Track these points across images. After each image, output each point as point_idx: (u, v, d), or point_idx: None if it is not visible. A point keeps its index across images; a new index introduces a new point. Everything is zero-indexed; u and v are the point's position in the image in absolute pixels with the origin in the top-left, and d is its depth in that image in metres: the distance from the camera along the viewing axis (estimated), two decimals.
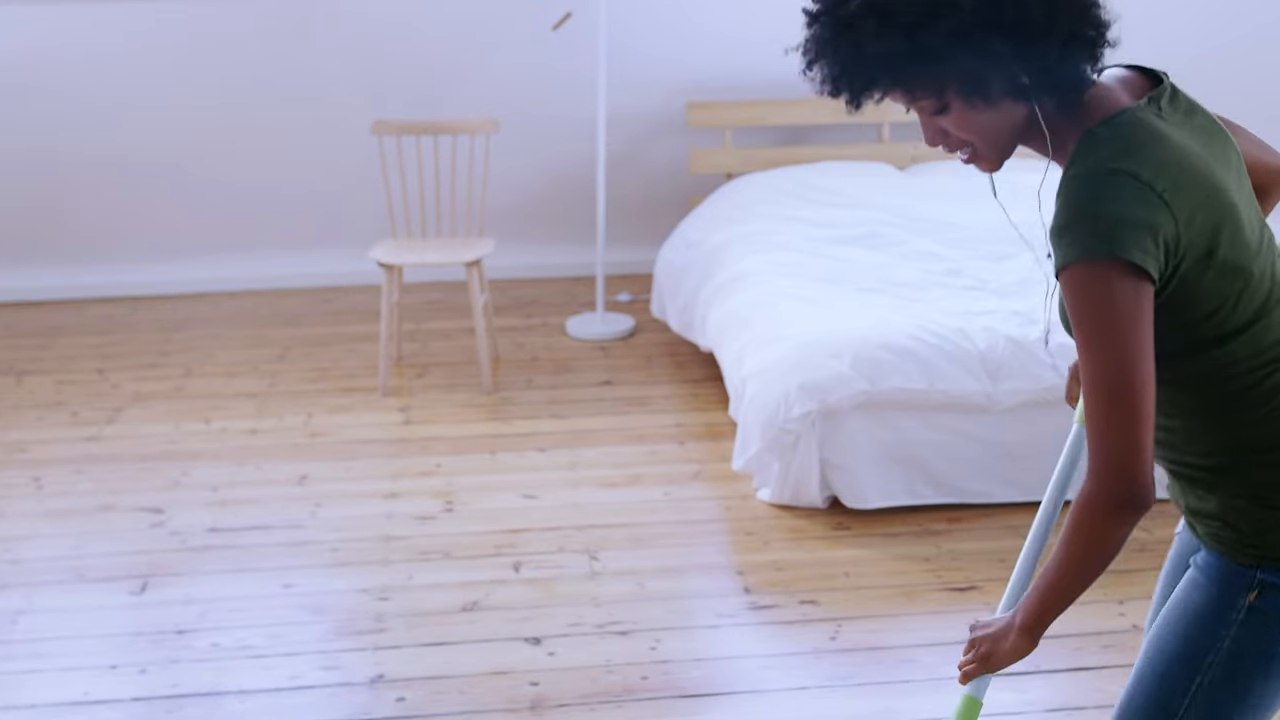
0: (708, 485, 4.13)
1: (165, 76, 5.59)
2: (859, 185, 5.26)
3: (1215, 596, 1.82)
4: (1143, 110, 1.72)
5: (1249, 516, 1.79)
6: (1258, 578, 1.79)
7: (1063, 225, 1.67)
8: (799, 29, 1.77)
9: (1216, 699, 1.82)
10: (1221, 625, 1.81)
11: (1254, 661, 1.81)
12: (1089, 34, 1.70)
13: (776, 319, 4.13)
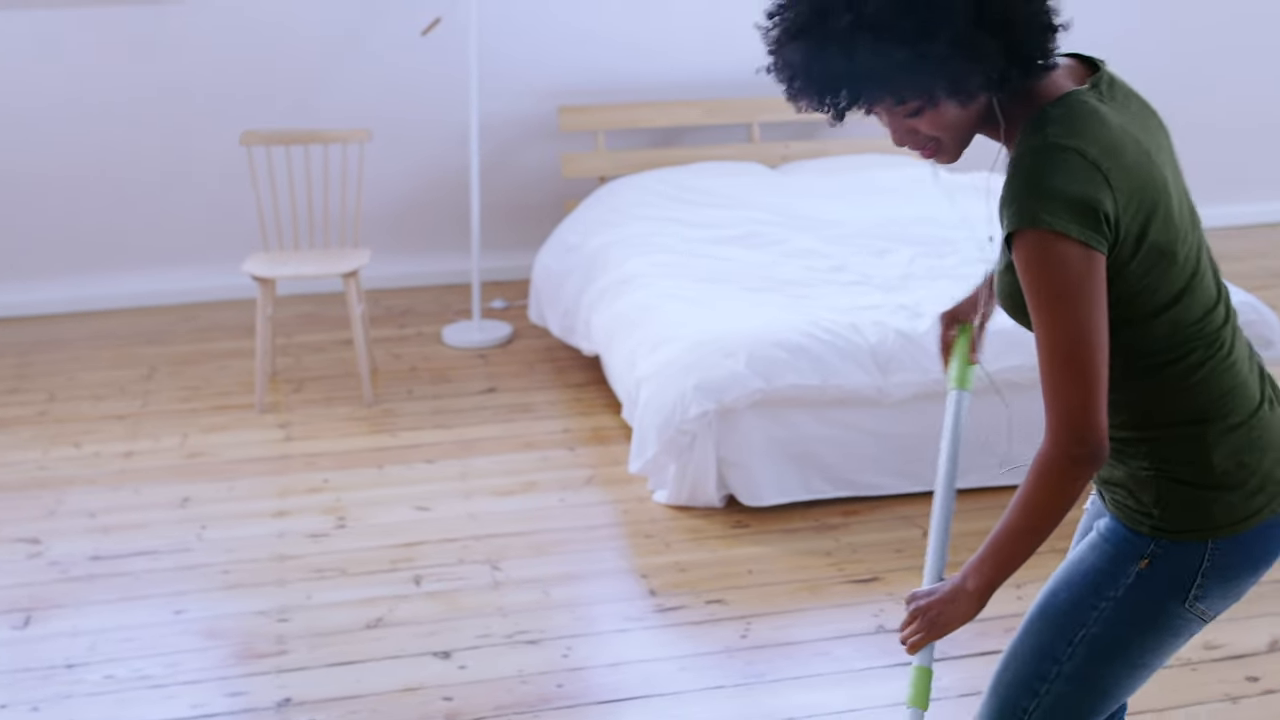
0: (602, 489, 4.10)
1: (12, 87, 5.38)
2: (734, 185, 5.29)
3: (1109, 558, 1.89)
4: (1086, 94, 1.75)
5: (1151, 488, 1.85)
6: (1151, 548, 1.86)
7: (1014, 195, 1.71)
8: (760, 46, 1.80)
9: (1096, 651, 1.90)
10: (1109, 586, 1.88)
11: (1135, 624, 1.88)
12: (1053, 21, 1.73)
13: (666, 321, 4.12)
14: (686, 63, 5.82)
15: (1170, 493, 1.84)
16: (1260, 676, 3.13)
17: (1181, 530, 1.85)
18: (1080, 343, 1.70)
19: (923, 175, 5.38)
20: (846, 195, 5.17)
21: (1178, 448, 1.84)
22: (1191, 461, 1.83)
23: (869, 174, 5.38)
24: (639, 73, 5.79)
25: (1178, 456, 1.84)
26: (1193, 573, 1.85)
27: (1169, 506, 1.84)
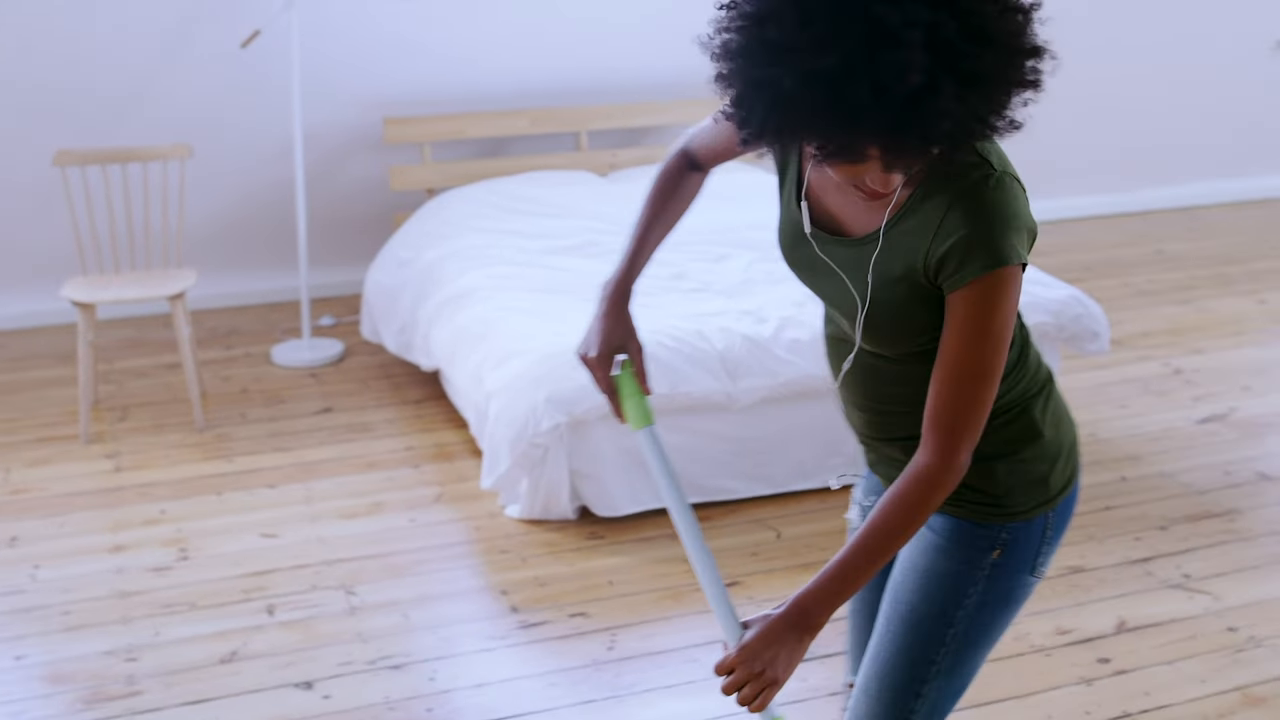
0: (452, 507, 4.05)
1: None
2: (566, 194, 5.27)
3: (961, 559, 1.92)
4: None
5: (995, 476, 1.89)
6: (1001, 536, 1.91)
7: (987, 233, 1.65)
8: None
9: (968, 644, 1.96)
10: (969, 584, 1.92)
11: (998, 609, 1.95)
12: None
13: (511, 334, 4.08)
14: (513, 72, 5.79)
15: (1014, 475, 1.89)
16: (1111, 658, 3.24)
17: (1029, 509, 1.91)
18: (998, 367, 1.72)
19: (753, 181, 5.45)
20: None
21: (1017, 429, 1.89)
22: (1030, 440, 1.90)
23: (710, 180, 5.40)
24: (465, 83, 5.73)
25: (1019, 437, 1.89)
26: (1038, 544, 1.93)
27: (1014, 490, 1.89)
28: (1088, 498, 4.01)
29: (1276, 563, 3.65)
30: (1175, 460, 4.27)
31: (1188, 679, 3.15)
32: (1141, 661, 3.22)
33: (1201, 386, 4.84)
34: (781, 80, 1.47)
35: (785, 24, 1.46)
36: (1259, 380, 4.89)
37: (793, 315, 4.10)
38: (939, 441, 1.75)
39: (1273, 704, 3.05)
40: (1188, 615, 3.41)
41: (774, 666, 1.76)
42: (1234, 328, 5.42)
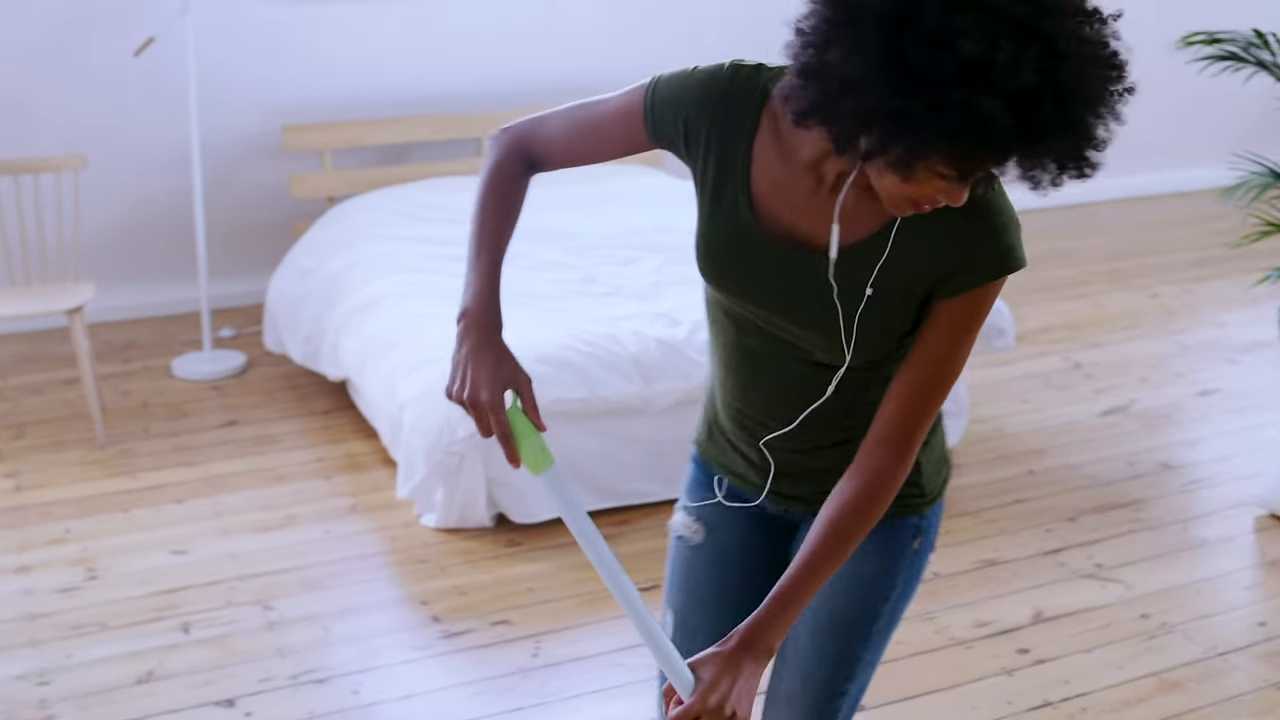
0: (366, 518, 4.00)
1: None
2: (469, 200, 5.23)
3: (888, 555, 1.91)
4: None
5: (919, 464, 1.87)
6: (920, 524, 1.93)
7: (1006, 236, 1.65)
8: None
9: (888, 634, 2.00)
10: (894, 578, 1.94)
11: (913, 592, 1.99)
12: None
13: (425, 341, 4.04)
14: (414, 78, 5.74)
15: (928, 457, 1.89)
16: (1029, 648, 3.30)
17: (938, 488, 1.93)
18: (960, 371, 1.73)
19: (658, 184, 5.47)
20: (585, 206, 5.19)
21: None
22: (938, 419, 1.92)
23: (604, 184, 5.42)
24: (365, 89, 5.67)
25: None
26: (938, 523, 1.97)
27: (930, 472, 1.90)
28: (997, 491, 4.08)
29: (1183, 550, 3.74)
30: (1080, 453, 4.36)
31: (1105, 666, 3.22)
32: (1059, 651, 3.28)
33: (1101, 380, 4.94)
34: (976, 102, 1.35)
35: (975, 43, 1.34)
36: (1155, 373, 5.01)
37: (706, 318, 4.10)
38: (901, 445, 1.70)
39: (1188, 688, 3.13)
40: (1101, 604, 3.48)
41: (739, 703, 1.64)
42: (1128, 321, 5.54)
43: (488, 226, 1.79)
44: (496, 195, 1.81)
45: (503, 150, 1.84)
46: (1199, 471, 4.21)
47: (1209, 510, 3.96)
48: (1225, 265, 6.24)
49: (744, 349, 1.82)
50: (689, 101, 1.72)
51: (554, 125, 1.82)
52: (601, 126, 1.79)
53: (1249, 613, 3.44)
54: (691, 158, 1.74)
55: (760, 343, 1.79)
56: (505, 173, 1.83)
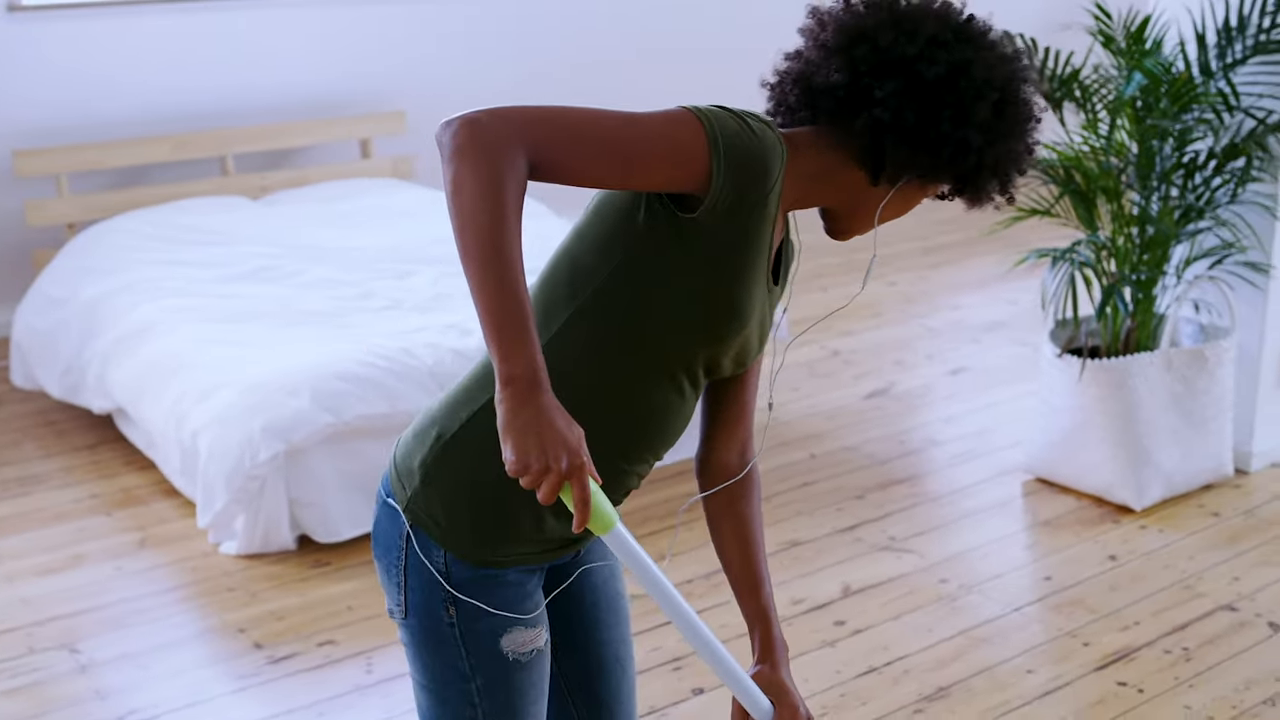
0: (159, 551, 3.86)
1: None
2: (226, 221, 5.11)
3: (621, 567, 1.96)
4: None
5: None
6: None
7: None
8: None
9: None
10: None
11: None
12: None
13: (211, 366, 3.93)
14: (151, 97, 5.55)
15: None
16: (845, 620, 3.46)
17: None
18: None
19: (415, 196, 5.45)
20: (348, 222, 5.13)
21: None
22: None
23: (365, 199, 5.37)
24: (100, 111, 5.45)
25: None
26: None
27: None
28: (787, 475, 4.25)
29: (964, 518, 4.00)
30: (853, 435, 4.58)
31: (916, 630, 3.41)
32: (872, 620, 3.46)
33: (859, 366, 5.20)
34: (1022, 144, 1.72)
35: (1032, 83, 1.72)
36: (908, 355, 5.31)
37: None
38: (748, 440, 1.91)
39: (994, 642, 3.35)
40: (901, 573, 3.69)
41: (805, 706, 1.86)
42: (872, 310, 5.85)
43: (506, 258, 1.45)
44: (514, 212, 1.46)
45: (501, 149, 1.47)
46: (964, 445, 4.50)
47: (980, 479, 4.24)
48: (952, 253, 6.65)
49: (667, 398, 1.72)
50: (756, 172, 1.60)
51: (565, 137, 1.52)
52: (639, 159, 1.55)
53: (1035, 569, 3.70)
54: (733, 219, 1.62)
55: (689, 385, 1.74)
56: (515, 183, 1.47)
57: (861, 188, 1.72)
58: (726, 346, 1.70)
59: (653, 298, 1.64)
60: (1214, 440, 4.04)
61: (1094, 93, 3.91)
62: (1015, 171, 1.73)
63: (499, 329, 1.44)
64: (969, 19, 1.70)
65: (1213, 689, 3.14)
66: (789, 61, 1.76)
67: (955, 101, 1.64)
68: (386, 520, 1.76)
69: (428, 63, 6.18)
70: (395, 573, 1.76)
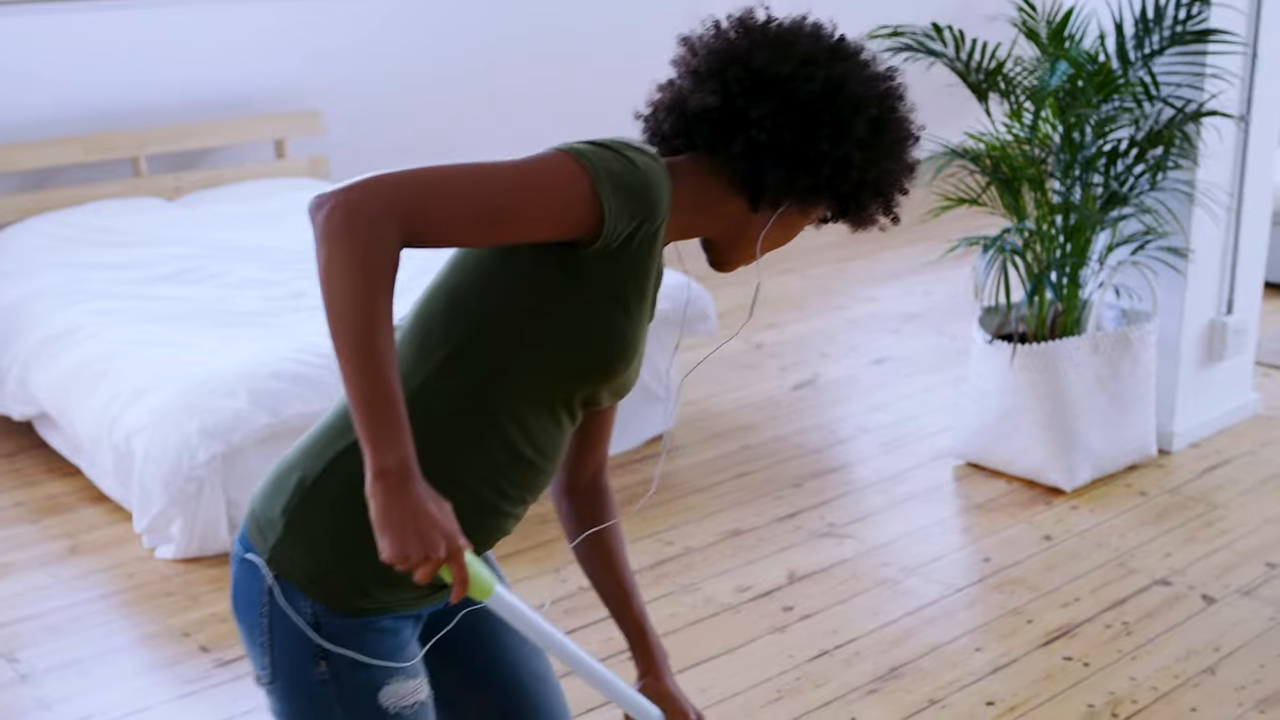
0: (92, 558, 3.79)
1: None
2: (143, 221, 5.02)
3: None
4: None
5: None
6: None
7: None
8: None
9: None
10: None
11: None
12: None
13: (143, 368, 3.86)
14: (60, 97, 5.42)
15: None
16: (793, 605, 3.50)
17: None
18: None
19: None
20: (269, 221, 5.07)
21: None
22: None
23: (283, 198, 5.30)
24: (8, 111, 5.31)
25: None
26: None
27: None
28: (722, 467, 4.28)
29: (900, 503, 4.06)
30: (784, 425, 4.63)
31: (864, 613, 3.46)
32: (820, 605, 3.50)
33: (784, 358, 5.26)
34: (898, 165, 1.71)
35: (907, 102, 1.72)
36: (831, 347, 5.38)
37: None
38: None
39: (941, 621, 3.41)
40: (844, 559, 3.74)
41: (695, 708, 1.90)
42: (791, 303, 5.91)
43: (377, 347, 1.41)
44: (384, 297, 1.41)
45: (371, 230, 1.40)
46: (893, 432, 4.56)
47: (912, 465, 4.31)
48: (864, 246, 6.74)
49: (549, 435, 1.69)
50: (647, 205, 1.57)
51: (441, 204, 1.46)
52: (523, 215, 1.50)
53: (972, 551, 3.77)
54: (624, 255, 1.60)
55: (568, 419, 1.71)
56: (386, 264, 1.41)
57: (742, 216, 1.69)
58: (613, 382, 1.68)
59: (539, 335, 1.60)
60: (1138, 421, 4.15)
61: (1018, 84, 3.99)
62: (897, 191, 1.70)
63: (371, 421, 1.41)
64: (841, 39, 1.68)
65: (1155, 660, 3.23)
66: (661, 92, 1.72)
67: (832, 119, 1.61)
68: (246, 578, 1.67)
69: (343, 60, 6.13)
70: (259, 632, 1.66)
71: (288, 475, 1.67)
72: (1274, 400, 4.78)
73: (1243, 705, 3.05)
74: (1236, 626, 3.37)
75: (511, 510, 1.70)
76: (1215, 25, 3.95)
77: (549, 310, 1.59)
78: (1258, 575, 3.62)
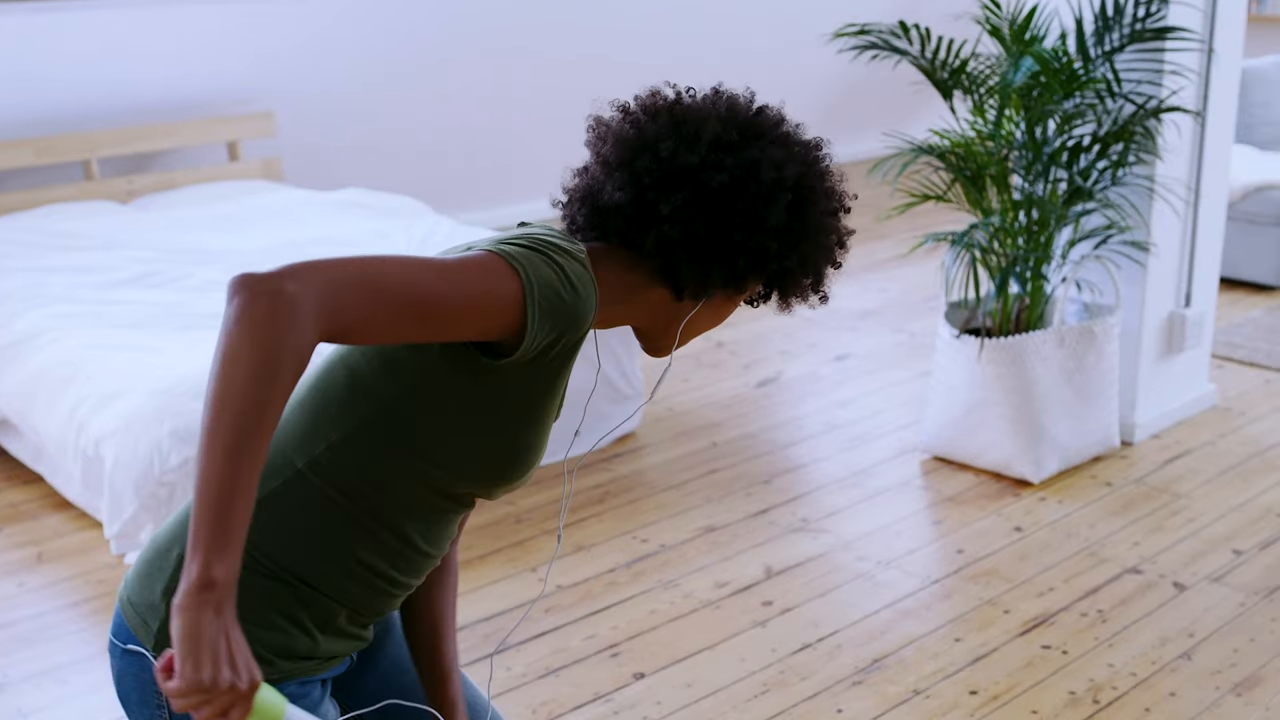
0: (61, 565, 3.74)
1: None
2: (100, 225, 4.96)
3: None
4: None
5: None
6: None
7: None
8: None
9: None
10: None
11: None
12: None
13: (110, 372, 3.81)
14: (10, 100, 5.35)
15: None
16: (772, 600, 3.52)
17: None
18: None
19: (288, 197, 5.36)
20: (226, 224, 5.03)
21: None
22: None
23: (239, 201, 5.26)
24: None
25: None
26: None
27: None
28: (691, 464, 4.30)
29: (870, 498, 4.09)
30: (750, 422, 4.65)
31: (844, 606, 3.49)
32: (799, 598, 3.53)
33: (745, 356, 5.28)
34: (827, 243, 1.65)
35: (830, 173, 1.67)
36: (791, 344, 5.41)
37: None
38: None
39: (919, 613, 3.44)
40: (819, 553, 3.76)
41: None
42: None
43: (254, 458, 1.30)
44: (279, 404, 1.31)
45: (293, 329, 1.31)
46: (859, 427, 4.60)
47: (880, 460, 4.34)
48: None
49: (442, 521, 1.66)
50: (572, 320, 1.52)
51: (370, 305, 1.38)
52: (451, 320, 1.43)
53: (946, 543, 3.81)
54: (539, 363, 1.56)
55: (464, 508, 1.68)
56: (294, 370, 1.31)
57: (667, 304, 1.65)
58: (511, 486, 1.64)
59: (442, 433, 1.54)
60: (1102, 413, 4.21)
61: (981, 82, 4.04)
62: (828, 266, 1.66)
63: (218, 527, 1.28)
64: (758, 112, 1.62)
65: (1131, 647, 3.28)
66: (577, 178, 1.67)
67: (745, 209, 1.56)
68: (134, 671, 1.58)
69: (294, 61, 6.08)
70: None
71: (164, 555, 1.59)
72: (1230, 391, 4.88)
73: (1220, 689, 3.10)
74: (1208, 612, 3.44)
75: (398, 592, 1.66)
76: (1174, 22, 4.02)
77: (455, 412, 1.54)
78: (1225, 562, 3.69)
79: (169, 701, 1.54)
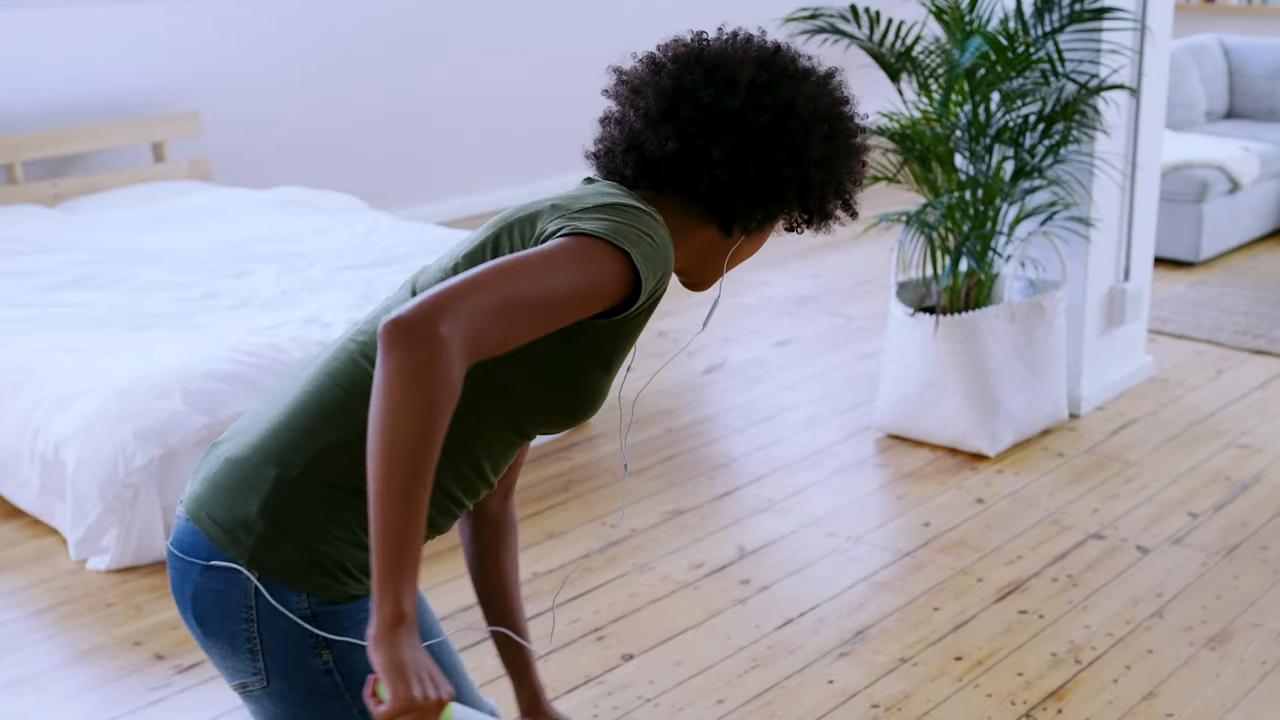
0: (18, 574, 3.65)
1: None
2: (27, 230, 4.86)
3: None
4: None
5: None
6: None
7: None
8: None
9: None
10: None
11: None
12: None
13: (65, 375, 3.74)
14: None
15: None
16: (749, 578, 3.55)
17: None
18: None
19: (220, 197, 5.29)
20: (161, 225, 4.95)
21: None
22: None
23: (170, 202, 5.19)
24: None
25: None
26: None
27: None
28: (649, 451, 4.31)
29: (831, 476, 4.14)
30: (702, 408, 4.68)
31: (820, 582, 3.53)
32: (776, 576, 3.56)
33: (689, 343, 5.31)
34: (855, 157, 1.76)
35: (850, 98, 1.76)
36: (733, 331, 5.45)
37: (356, 316, 4.07)
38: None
39: (894, 586, 3.50)
40: (790, 531, 3.80)
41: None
42: (684, 291, 5.96)
43: (423, 498, 1.39)
44: (441, 440, 1.40)
45: (450, 374, 1.38)
46: (810, 410, 4.65)
47: (835, 440, 4.40)
48: None
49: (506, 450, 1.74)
50: (663, 278, 1.61)
51: (514, 325, 1.45)
52: (570, 314, 1.51)
53: (912, 517, 3.87)
54: (628, 320, 1.64)
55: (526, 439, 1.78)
56: (450, 408, 1.40)
57: (714, 241, 1.74)
58: (580, 422, 1.73)
59: (534, 382, 1.65)
60: (1052, 386, 4.30)
61: (926, 65, 4.11)
62: (854, 186, 1.76)
63: (400, 565, 1.38)
64: (776, 51, 1.72)
65: (1104, 609, 3.36)
66: (609, 128, 1.75)
67: (789, 144, 1.66)
68: (219, 586, 1.62)
69: (221, 61, 5.99)
70: (244, 639, 1.63)
71: (256, 473, 1.62)
72: (1165, 363, 5.01)
73: (1194, 644, 3.19)
74: (1173, 573, 3.53)
75: (459, 514, 1.76)
76: (1109, 3, 4.12)
77: (545, 367, 1.64)
78: (1183, 525, 3.79)
79: (259, 615, 1.61)
